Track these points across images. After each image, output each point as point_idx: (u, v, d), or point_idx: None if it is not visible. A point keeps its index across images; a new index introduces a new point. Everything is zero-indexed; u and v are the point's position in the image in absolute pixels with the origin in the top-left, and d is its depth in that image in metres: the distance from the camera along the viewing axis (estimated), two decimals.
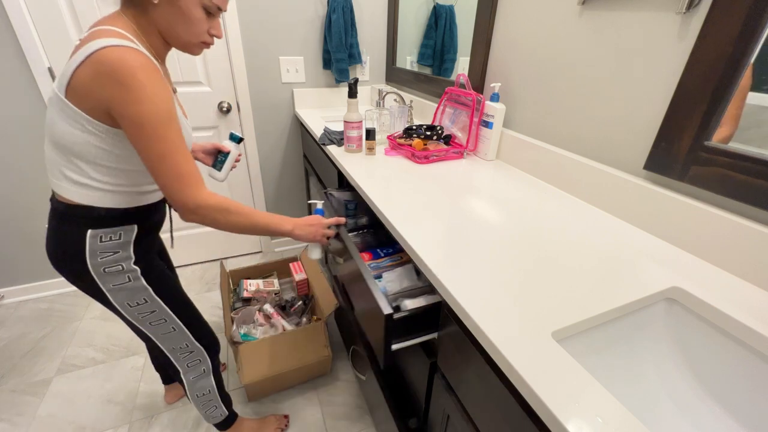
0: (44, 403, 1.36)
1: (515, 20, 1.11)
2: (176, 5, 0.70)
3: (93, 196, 0.74)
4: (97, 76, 0.63)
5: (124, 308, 0.85)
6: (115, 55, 0.62)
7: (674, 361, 0.63)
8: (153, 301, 0.87)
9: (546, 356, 0.48)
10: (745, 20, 0.60)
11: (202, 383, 1.05)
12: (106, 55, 0.62)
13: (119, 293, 0.83)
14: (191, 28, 0.74)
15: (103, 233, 0.77)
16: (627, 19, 0.80)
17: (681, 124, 0.71)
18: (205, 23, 0.75)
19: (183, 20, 0.72)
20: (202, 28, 0.75)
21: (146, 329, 0.91)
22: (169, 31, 0.74)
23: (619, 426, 0.40)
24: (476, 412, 0.63)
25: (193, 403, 1.09)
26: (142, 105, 0.64)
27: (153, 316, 0.89)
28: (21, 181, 1.64)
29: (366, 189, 0.98)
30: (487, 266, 0.67)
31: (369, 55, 1.98)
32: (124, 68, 0.62)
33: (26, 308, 1.81)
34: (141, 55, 0.65)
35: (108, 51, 0.62)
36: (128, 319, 0.88)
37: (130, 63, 0.63)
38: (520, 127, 1.17)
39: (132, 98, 0.63)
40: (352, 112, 1.21)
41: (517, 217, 0.85)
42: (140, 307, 0.86)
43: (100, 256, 0.78)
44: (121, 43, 0.64)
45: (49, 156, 0.74)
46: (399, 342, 0.72)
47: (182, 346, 0.97)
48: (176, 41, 0.76)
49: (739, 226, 0.64)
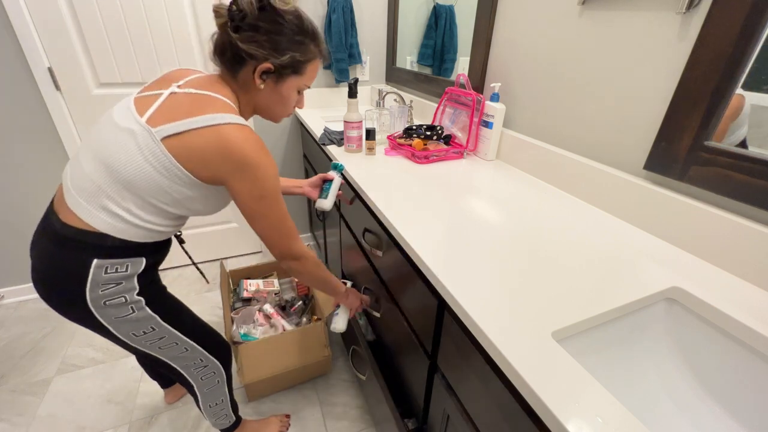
0: (44, 403, 1.36)
1: (515, 20, 1.11)
2: (277, 91, 0.78)
3: (116, 227, 0.69)
4: (222, 153, 0.67)
5: (130, 339, 0.80)
6: (239, 136, 0.67)
7: (674, 361, 0.63)
8: (161, 327, 0.83)
9: (546, 356, 0.48)
10: (745, 20, 0.60)
11: (216, 393, 1.03)
12: (231, 135, 0.67)
13: (123, 325, 0.77)
14: (287, 108, 0.83)
15: (110, 264, 0.71)
16: (627, 19, 0.80)
17: (681, 124, 0.71)
18: (296, 99, 0.84)
19: (282, 102, 0.81)
20: (293, 107, 0.85)
21: (156, 353, 0.86)
22: (266, 110, 0.83)
23: (619, 426, 0.40)
24: (476, 412, 0.63)
25: (204, 413, 1.07)
26: (267, 182, 0.71)
27: (163, 341, 0.84)
28: (21, 181, 1.64)
29: (366, 189, 0.98)
30: (487, 266, 0.67)
31: (369, 55, 1.98)
32: (251, 154, 0.68)
33: (26, 308, 1.81)
34: (254, 133, 0.71)
35: (232, 131, 0.67)
36: (133, 346, 0.83)
37: (253, 147, 0.68)
38: (520, 127, 1.17)
39: (259, 177, 0.70)
40: (352, 112, 1.21)
41: (517, 217, 0.85)
42: (148, 335, 0.81)
43: (101, 288, 0.71)
44: (239, 121, 0.69)
45: (96, 180, 0.68)
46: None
47: (196, 362, 0.94)
48: (269, 116, 0.85)
49: (739, 226, 0.64)
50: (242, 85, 0.77)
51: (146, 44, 1.59)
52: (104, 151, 0.69)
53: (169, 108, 0.68)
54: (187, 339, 0.88)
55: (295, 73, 0.77)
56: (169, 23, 1.58)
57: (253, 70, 0.73)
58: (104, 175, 0.68)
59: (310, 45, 0.77)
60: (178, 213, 0.76)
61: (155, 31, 1.58)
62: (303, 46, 0.75)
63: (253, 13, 0.68)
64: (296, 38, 0.74)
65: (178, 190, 0.70)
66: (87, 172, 0.69)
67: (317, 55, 0.79)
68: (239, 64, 0.73)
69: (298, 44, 0.74)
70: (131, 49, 1.57)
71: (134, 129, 0.67)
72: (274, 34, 0.71)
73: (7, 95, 1.48)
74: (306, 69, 0.78)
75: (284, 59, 0.73)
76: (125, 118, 0.69)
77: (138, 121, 0.67)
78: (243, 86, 0.77)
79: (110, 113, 0.73)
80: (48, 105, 1.54)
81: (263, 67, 0.72)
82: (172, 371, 0.94)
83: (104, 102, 1.63)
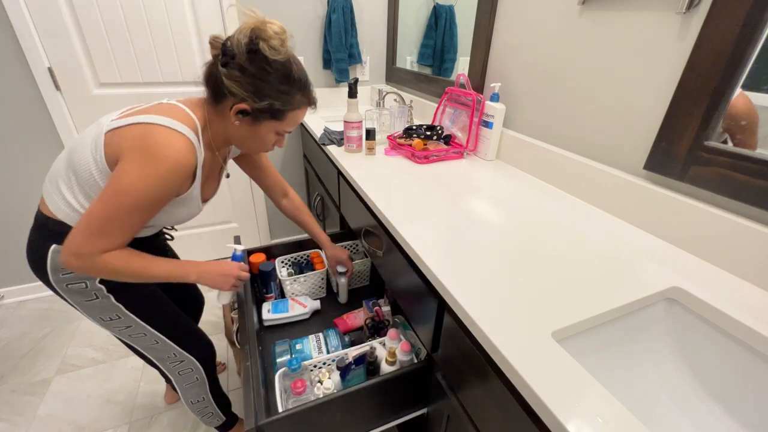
0: (44, 403, 1.36)
1: (515, 20, 1.11)
2: (253, 130, 0.77)
3: (68, 214, 0.74)
4: (132, 138, 0.67)
5: (99, 322, 0.84)
6: (161, 137, 0.66)
7: (674, 361, 0.63)
8: (127, 317, 0.84)
9: (546, 356, 0.48)
10: (745, 20, 0.60)
11: (196, 390, 1.03)
12: (154, 132, 0.66)
13: (90, 309, 0.81)
14: (261, 146, 0.83)
15: None
16: (627, 19, 0.80)
17: (681, 124, 0.71)
18: (273, 142, 0.82)
19: (256, 141, 0.80)
20: (269, 146, 0.83)
21: (127, 341, 0.89)
22: (239, 142, 0.82)
23: (619, 426, 0.40)
24: (476, 412, 0.63)
25: (189, 409, 1.08)
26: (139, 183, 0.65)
27: (130, 330, 0.86)
28: (21, 181, 1.64)
29: (366, 189, 0.98)
30: (487, 266, 0.67)
31: (369, 55, 1.98)
32: (159, 151, 0.66)
33: (26, 308, 1.81)
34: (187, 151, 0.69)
35: (159, 130, 0.67)
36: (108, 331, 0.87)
37: (168, 153, 0.66)
38: (520, 127, 1.16)
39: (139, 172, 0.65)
40: (352, 112, 1.21)
41: (517, 217, 0.85)
42: (115, 322, 0.84)
43: (61, 272, 0.76)
44: (175, 127, 0.68)
45: (57, 165, 0.75)
46: None
47: (170, 356, 0.94)
48: (242, 148, 0.86)
49: (739, 226, 0.64)
50: (220, 114, 0.77)
51: (146, 44, 1.59)
52: (77, 140, 0.74)
53: (140, 110, 0.71)
54: (155, 332, 0.89)
55: (273, 119, 0.76)
56: (169, 23, 1.58)
57: (231, 105, 0.73)
58: (65, 160, 0.74)
59: (296, 95, 0.76)
60: None
61: (155, 31, 1.58)
62: (286, 95, 0.74)
63: (242, 54, 0.68)
64: (281, 87, 0.73)
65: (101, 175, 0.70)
66: (57, 162, 0.76)
67: (302, 104, 0.79)
68: (220, 96, 0.74)
69: (282, 93, 0.74)
70: (131, 49, 1.57)
71: (102, 122, 0.72)
72: (258, 79, 0.71)
73: (7, 95, 1.48)
74: (286, 116, 0.77)
75: (262, 104, 0.73)
76: (109, 114, 0.74)
77: (110, 117, 0.72)
78: (220, 115, 0.77)
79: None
80: (48, 105, 1.54)
81: (239, 107, 0.72)
82: (150, 363, 0.96)
83: (104, 102, 1.63)
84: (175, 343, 0.93)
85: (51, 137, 1.61)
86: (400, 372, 0.82)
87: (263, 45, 0.67)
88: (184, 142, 0.69)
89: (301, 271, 1.33)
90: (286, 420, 0.72)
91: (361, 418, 0.84)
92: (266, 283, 1.23)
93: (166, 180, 0.67)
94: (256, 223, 2.17)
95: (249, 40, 0.67)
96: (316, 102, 0.82)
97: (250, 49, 0.68)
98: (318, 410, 0.75)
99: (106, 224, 0.67)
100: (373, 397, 0.81)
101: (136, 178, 0.65)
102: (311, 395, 0.85)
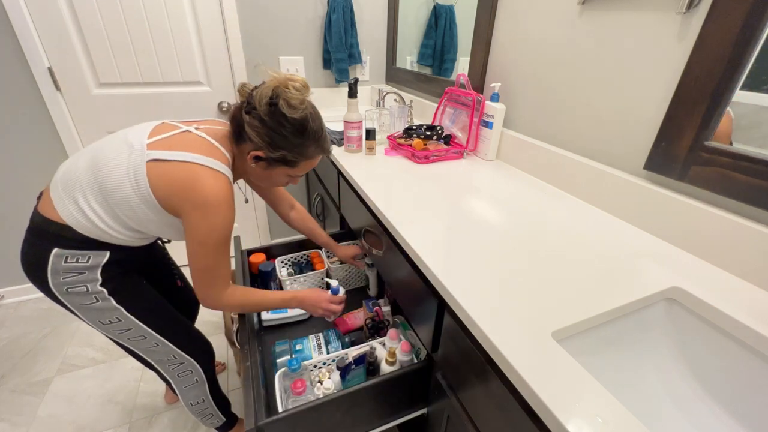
0: (44, 403, 1.36)
1: (515, 20, 1.11)
2: (266, 173, 0.84)
3: (80, 222, 0.74)
4: (186, 187, 0.71)
5: (98, 325, 0.84)
6: (209, 180, 0.72)
7: (674, 361, 0.63)
8: (127, 319, 0.84)
9: (546, 356, 0.48)
10: (745, 20, 0.60)
11: (195, 392, 1.03)
12: (201, 175, 0.72)
13: (89, 312, 0.81)
14: (274, 185, 0.92)
15: (70, 254, 0.75)
16: (627, 19, 0.80)
17: (681, 124, 0.71)
18: (286, 181, 0.90)
19: (269, 181, 0.89)
20: (283, 184, 0.92)
21: (126, 344, 0.89)
22: (254, 178, 0.90)
23: (619, 426, 0.40)
24: (476, 412, 0.63)
25: (188, 410, 1.08)
26: (214, 231, 0.74)
27: (130, 333, 0.86)
28: (20, 181, 1.64)
29: (366, 189, 0.98)
30: (487, 266, 0.67)
31: (369, 55, 1.98)
32: (210, 198, 0.72)
33: (26, 308, 1.81)
34: (229, 186, 0.76)
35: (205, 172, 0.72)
36: (106, 335, 0.87)
37: (216, 193, 0.72)
38: (520, 127, 1.16)
39: (208, 223, 0.73)
40: (352, 112, 1.21)
41: (517, 217, 0.85)
42: (114, 325, 0.84)
43: (62, 276, 0.76)
44: (219, 168, 0.75)
45: (81, 175, 0.74)
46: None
47: (169, 358, 0.94)
48: (257, 186, 1.00)
49: (739, 226, 0.64)
50: (240, 153, 0.82)
51: (146, 44, 1.58)
52: (100, 154, 0.75)
53: (175, 141, 0.75)
54: (155, 334, 0.89)
55: (285, 165, 0.82)
56: (169, 23, 1.58)
57: (249, 150, 0.79)
58: (89, 173, 0.74)
59: (310, 147, 0.81)
60: (137, 228, 0.79)
61: (155, 31, 1.58)
62: (300, 147, 0.80)
63: (263, 107, 0.74)
64: (295, 140, 0.78)
65: (142, 209, 0.74)
66: (78, 166, 0.75)
67: (315, 155, 0.84)
68: (242, 139, 0.79)
69: (295, 146, 0.79)
70: (131, 49, 1.57)
71: (134, 144, 0.74)
72: (274, 132, 0.76)
73: (7, 95, 1.48)
74: (299, 164, 0.83)
75: (276, 154, 0.78)
76: (136, 134, 0.76)
77: (141, 140, 0.74)
78: (241, 154, 0.82)
79: (132, 127, 0.80)
80: (48, 105, 1.54)
81: (256, 153, 0.78)
82: (149, 366, 0.97)
83: (104, 102, 1.63)
84: (174, 344, 0.93)
85: (51, 137, 1.61)
86: (400, 372, 0.82)
87: (282, 103, 0.73)
88: (226, 182, 0.76)
89: (301, 271, 1.33)
90: (286, 420, 0.72)
91: (361, 418, 0.84)
92: (266, 283, 1.23)
93: (227, 217, 0.76)
94: (256, 223, 2.17)
95: (270, 97, 0.73)
96: (330, 151, 0.89)
97: (271, 103, 0.73)
98: (318, 410, 0.75)
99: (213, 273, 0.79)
100: (373, 397, 0.81)
101: (208, 229, 0.74)
102: (311, 395, 0.85)
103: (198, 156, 0.73)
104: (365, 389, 0.79)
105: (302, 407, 0.74)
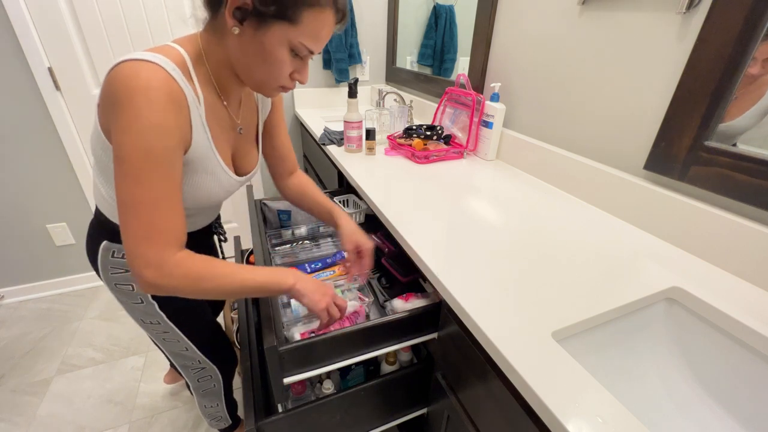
0: (44, 403, 1.36)
1: (515, 20, 1.11)
2: (258, 40, 0.57)
3: (101, 201, 0.72)
4: (105, 94, 0.54)
5: (140, 323, 0.84)
6: (124, 72, 0.51)
7: (674, 361, 0.63)
8: (166, 324, 0.84)
9: (546, 356, 0.48)
10: (745, 20, 0.60)
11: (211, 397, 1.03)
12: (117, 70, 0.52)
13: (135, 310, 0.81)
14: (270, 69, 0.60)
15: (117, 248, 0.73)
16: (627, 19, 0.80)
17: (681, 124, 0.71)
18: (289, 66, 0.61)
19: (262, 59, 0.59)
20: (284, 72, 0.61)
21: (160, 343, 0.90)
22: (243, 67, 0.62)
23: (619, 426, 0.40)
24: (476, 412, 0.63)
25: (200, 411, 1.09)
26: (126, 135, 0.51)
27: (167, 335, 0.86)
28: (21, 181, 1.64)
29: (366, 189, 0.98)
30: (487, 266, 0.67)
31: (369, 55, 1.98)
32: (123, 88, 0.51)
33: (26, 308, 1.81)
34: (158, 74, 0.53)
35: (122, 66, 0.52)
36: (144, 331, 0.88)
37: (134, 83, 0.51)
38: (520, 127, 1.16)
39: (119, 125, 0.51)
40: (352, 112, 1.21)
41: (517, 217, 0.85)
42: (155, 326, 0.84)
43: (111, 270, 0.75)
44: (143, 57, 0.53)
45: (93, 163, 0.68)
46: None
47: (193, 363, 0.94)
48: (249, 79, 0.64)
49: (739, 226, 0.64)
50: (218, 33, 0.60)
51: (146, 44, 1.58)
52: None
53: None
54: (188, 341, 0.89)
55: (282, 19, 0.55)
56: (169, 23, 1.58)
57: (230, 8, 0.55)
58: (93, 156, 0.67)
59: None
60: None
61: (155, 31, 1.58)
62: None
63: None
64: None
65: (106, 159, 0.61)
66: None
67: (326, 4, 0.57)
68: (217, 3, 0.58)
69: None
70: (131, 49, 1.57)
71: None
72: None
73: (7, 95, 1.48)
74: (301, 17, 0.55)
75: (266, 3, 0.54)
76: None
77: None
78: (218, 34, 0.60)
79: None
80: (48, 105, 1.54)
81: (236, 2, 0.54)
82: (171, 363, 0.97)
83: None
84: (203, 353, 0.93)
85: (51, 137, 1.61)
86: (400, 372, 0.82)
87: None
88: (153, 68, 0.53)
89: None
90: (286, 420, 0.72)
91: (361, 418, 0.84)
92: None
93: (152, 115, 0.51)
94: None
95: None
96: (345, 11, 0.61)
97: None
98: (318, 410, 0.75)
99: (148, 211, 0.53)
100: (373, 397, 0.81)
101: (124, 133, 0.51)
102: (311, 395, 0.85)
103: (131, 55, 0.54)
104: (365, 389, 0.79)
105: (302, 407, 0.74)
